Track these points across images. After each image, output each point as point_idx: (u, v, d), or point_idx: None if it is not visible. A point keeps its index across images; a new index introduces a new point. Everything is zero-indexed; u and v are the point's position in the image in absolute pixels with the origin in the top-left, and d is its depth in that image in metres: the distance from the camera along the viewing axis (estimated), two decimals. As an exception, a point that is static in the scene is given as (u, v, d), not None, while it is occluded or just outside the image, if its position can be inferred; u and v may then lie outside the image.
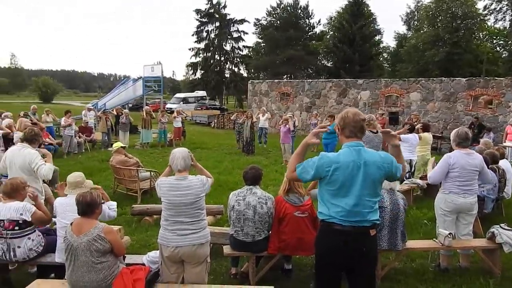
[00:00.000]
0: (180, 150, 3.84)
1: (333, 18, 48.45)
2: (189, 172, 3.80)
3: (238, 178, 9.63)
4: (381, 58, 50.05)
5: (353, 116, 2.95)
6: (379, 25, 45.59)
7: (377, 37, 45.50)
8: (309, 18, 50.04)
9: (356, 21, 40.58)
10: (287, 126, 12.74)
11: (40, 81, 66.01)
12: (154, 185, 8.21)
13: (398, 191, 4.81)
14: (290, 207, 4.44)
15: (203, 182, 3.72)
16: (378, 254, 3.13)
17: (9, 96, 76.55)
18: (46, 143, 11.55)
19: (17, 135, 8.19)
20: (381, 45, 48.50)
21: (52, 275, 4.45)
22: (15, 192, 4.27)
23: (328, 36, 47.72)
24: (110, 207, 4.43)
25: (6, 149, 8.65)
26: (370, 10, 44.02)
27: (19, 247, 4.15)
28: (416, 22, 48.88)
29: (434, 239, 4.92)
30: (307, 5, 49.19)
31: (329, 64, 47.76)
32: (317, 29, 50.79)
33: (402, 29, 53.41)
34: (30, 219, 4.15)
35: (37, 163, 5.06)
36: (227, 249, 4.66)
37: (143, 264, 4.01)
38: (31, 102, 40.92)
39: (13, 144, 8.78)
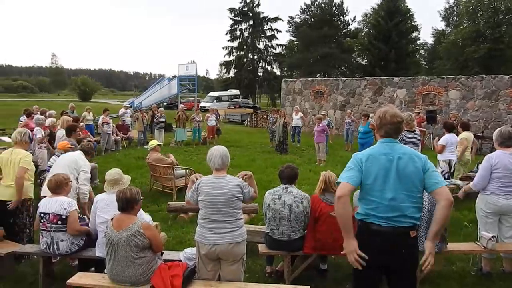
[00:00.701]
0: (219, 148, 3.79)
1: (368, 15, 47.73)
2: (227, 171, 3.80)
3: (272, 177, 9.64)
4: (417, 55, 48.83)
5: (390, 117, 2.92)
6: (416, 21, 44.47)
7: (414, 34, 44.45)
8: (344, 15, 49.57)
9: (392, 17, 39.77)
10: (321, 125, 12.63)
11: (79, 80, 68.13)
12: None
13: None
14: (326, 207, 4.40)
15: (241, 185, 3.67)
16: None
17: (50, 95, 79.72)
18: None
19: (60, 132, 8.47)
20: (418, 42, 47.35)
21: (92, 268, 4.59)
22: (59, 187, 4.44)
23: (363, 34, 47.09)
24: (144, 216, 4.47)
25: (51, 146, 9.02)
26: (407, 6, 43.09)
27: (62, 240, 4.30)
28: (455, 18, 47.43)
29: (476, 241, 4.76)
30: (342, 2, 48.76)
31: (363, 62, 47.08)
32: (352, 27, 50.37)
33: (441, 25, 51.95)
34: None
35: (84, 169, 5.32)
36: (262, 248, 4.66)
37: (180, 261, 4.08)
38: (71, 101, 42.35)
39: (54, 141, 9.14)
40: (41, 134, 8.92)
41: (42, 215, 4.33)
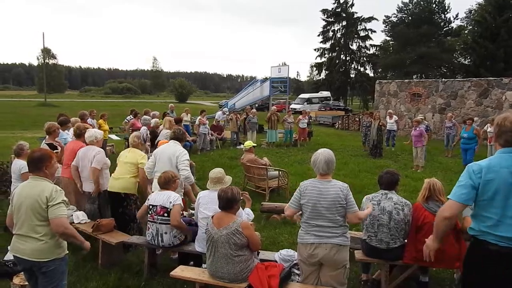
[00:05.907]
0: (324, 152, 3.72)
1: (473, 11, 44.29)
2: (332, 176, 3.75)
3: (366, 182, 9.32)
4: (531, 54, 44.20)
5: (511, 124, 2.61)
6: (531, 16, 40.20)
7: (527, 30, 40.26)
8: (445, 13, 46.54)
9: (502, 13, 36.34)
10: (418, 129, 11.97)
11: (176, 82, 72.16)
12: (282, 184, 8.46)
13: None
14: (430, 216, 4.14)
15: (345, 192, 3.60)
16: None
17: (151, 96, 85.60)
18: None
19: (164, 132, 9.01)
20: (532, 39, 42.77)
21: (191, 262, 4.81)
22: (167, 184, 4.76)
23: (466, 31, 43.80)
24: (247, 213, 4.62)
25: (152, 144, 9.64)
26: (519, 0, 39.14)
27: (166, 233, 4.57)
28: None
29: None
30: (443, -1, 45.84)
31: (466, 62, 43.81)
32: (454, 24, 47.03)
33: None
34: None
35: (183, 162, 5.48)
36: (358, 254, 4.53)
37: (276, 261, 4.11)
38: (169, 101, 45.04)
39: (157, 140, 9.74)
40: (147, 133, 9.56)
41: (150, 207, 4.66)
